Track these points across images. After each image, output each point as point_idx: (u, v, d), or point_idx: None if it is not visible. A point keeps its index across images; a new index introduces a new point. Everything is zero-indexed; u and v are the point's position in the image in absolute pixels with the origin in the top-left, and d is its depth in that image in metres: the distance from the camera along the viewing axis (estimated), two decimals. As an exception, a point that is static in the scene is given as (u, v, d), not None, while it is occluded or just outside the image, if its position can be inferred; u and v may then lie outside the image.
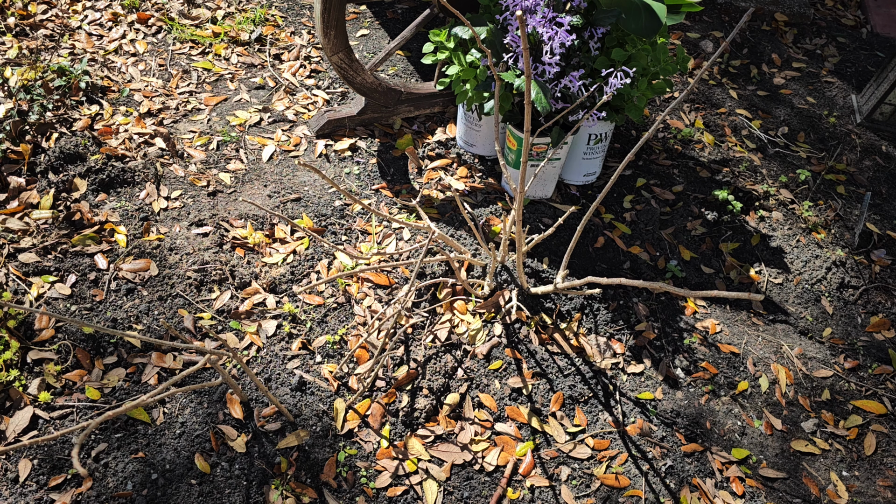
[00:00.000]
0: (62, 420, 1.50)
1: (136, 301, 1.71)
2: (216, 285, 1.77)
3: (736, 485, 1.57)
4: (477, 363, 1.69)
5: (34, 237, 1.79)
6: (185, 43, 2.52)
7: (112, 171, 1.98)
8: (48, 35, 2.44)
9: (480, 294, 1.78)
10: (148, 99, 2.27)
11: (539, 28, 1.67)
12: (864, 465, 1.66)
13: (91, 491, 1.40)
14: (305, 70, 2.48)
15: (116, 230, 1.85)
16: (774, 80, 2.77)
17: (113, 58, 2.41)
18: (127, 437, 1.48)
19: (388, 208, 2.03)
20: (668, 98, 2.61)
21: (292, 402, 1.57)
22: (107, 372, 1.58)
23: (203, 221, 1.91)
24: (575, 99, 1.77)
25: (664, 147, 2.38)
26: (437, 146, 2.24)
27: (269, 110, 2.31)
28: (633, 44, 1.79)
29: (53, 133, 2.04)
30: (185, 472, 1.44)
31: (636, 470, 1.57)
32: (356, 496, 1.46)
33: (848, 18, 3.18)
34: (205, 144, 2.15)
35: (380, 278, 1.82)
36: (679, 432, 1.65)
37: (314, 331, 1.72)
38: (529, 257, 1.92)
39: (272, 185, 2.05)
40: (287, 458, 1.49)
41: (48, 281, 1.70)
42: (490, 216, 2.01)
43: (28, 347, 1.58)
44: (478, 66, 1.87)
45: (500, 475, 1.53)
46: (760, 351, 1.85)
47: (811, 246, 2.14)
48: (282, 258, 1.85)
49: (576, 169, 2.11)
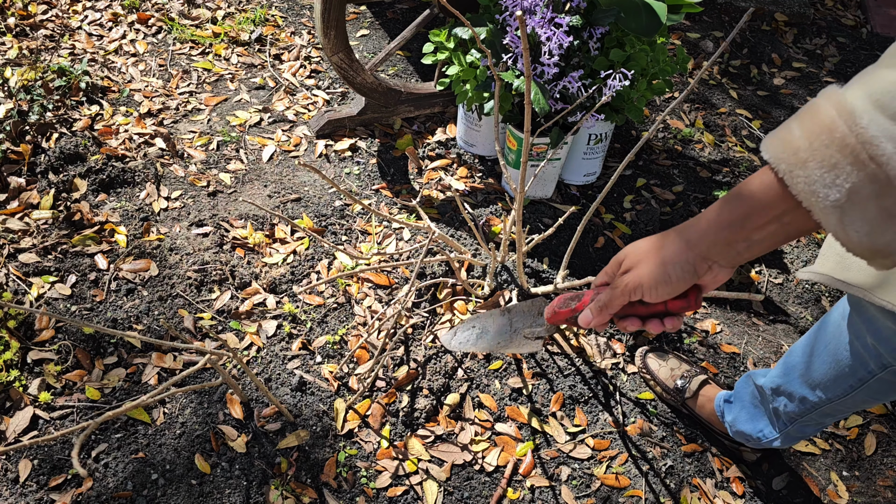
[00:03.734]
0: (62, 420, 1.50)
1: (136, 301, 1.71)
2: (216, 285, 1.77)
3: (736, 485, 1.57)
4: (477, 363, 1.69)
5: (34, 237, 1.79)
6: (185, 43, 2.52)
7: (112, 171, 1.98)
8: (48, 35, 2.44)
9: (480, 294, 1.78)
10: (148, 99, 2.27)
11: (538, 29, 1.67)
12: (864, 465, 1.66)
13: (91, 491, 1.40)
14: (305, 70, 2.48)
15: (116, 230, 1.85)
16: (774, 80, 2.77)
17: (113, 58, 2.41)
18: (127, 438, 1.48)
19: (388, 208, 2.03)
20: (668, 98, 2.61)
21: (292, 403, 1.57)
22: (107, 372, 1.58)
23: (203, 221, 1.91)
24: (574, 99, 1.77)
25: (664, 147, 2.38)
26: (437, 146, 2.24)
27: (270, 110, 2.31)
28: (633, 44, 1.79)
29: (53, 133, 2.04)
30: (186, 473, 1.44)
31: (636, 470, 1.57)
32: (356, 496, 1.46)
33: (848, 18, 3.18)
34: (205, 144, 2.15)
35: (380, 278, 1.82)
36: (679, 433, 1.65)
37: (314, 331, 1.72)
38: (529, 257, 1.92)
39: (272, 185, 2.05)
40: (287, 458, 1.49)
41: (48, 281, 1.70)
42: (490, 216, 2.01)
43: (28, 347, 1.58)
44: (478, 67, 1.87)
45: (500, 475, 1.53)
46: (760, 351, 1.85)
47: (811, 246, 2.14)
48: (282, 258, 1.85)
49: (576, 169, 2.11)
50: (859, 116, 0.54)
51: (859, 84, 0.56)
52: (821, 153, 0.55)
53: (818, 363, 1.23)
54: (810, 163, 0.56)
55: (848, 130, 0.54)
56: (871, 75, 0.56)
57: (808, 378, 1.26)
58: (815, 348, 1.24)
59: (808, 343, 1.27)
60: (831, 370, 1.20)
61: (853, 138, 0.53)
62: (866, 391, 1.18)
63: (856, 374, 1.17)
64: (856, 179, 0.54)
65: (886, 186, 0.53)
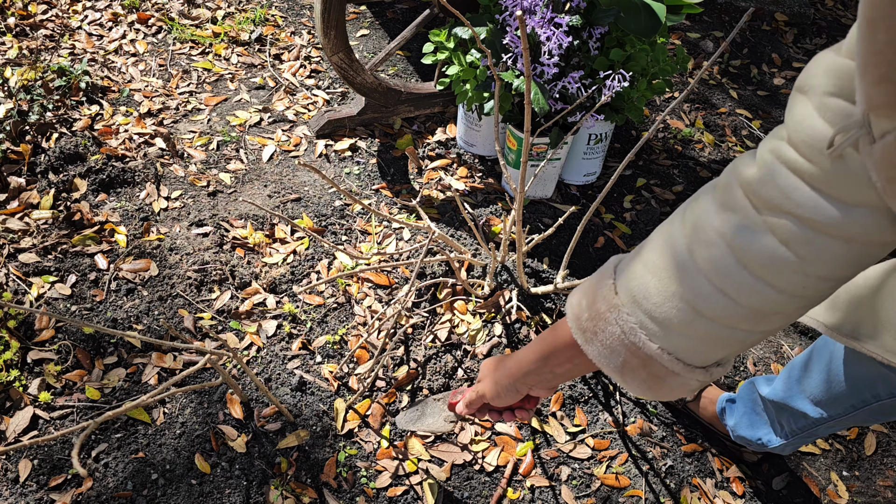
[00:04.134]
0: (62, 420, 1.50)
1: (136, 301, 1.71)
2: (216, 285, 1.77)
3: (736, 485, 1.57)
4: (477, 363, 1.69)
5: (34, 237, 1.80)
6: (185, 43, 2.52)
7: (112, 171, 1.98)
8: (48, 35, 2.44)
9: (480, 294, 1.78)
10: (148, 99, 2.27)
11: (538, 29, 1.67)
12: (864, 465, 1.66)
13: (91, 491, 1.40)
14: (305, 70, 2.48)
15: (116, 230, 1.85)
16: (774, 80, 2.77)
17: (113, 58, 2.41)
18: (127, 437, 1.48)
19: (388, 208, 2.03)
20: (668, 98, 2.61)
21: (292, 402, 1.57)
22: (107, 372, 1.58)
23: (203, 221, 1.91)
24: (574, 99, 1.77)
25: (664, 147, 2.38)
26: (437, 146, 2.24)
27: (269, 110, 2.31)
28: (633, 44, 1.79)
29: (53, 133, 2.04)
30: (186, 472, 1.44)
31: (636, 470, 1.57)
32: (356, 496, 1.46)
33: (848, 18, 3.18)
34: (205, 144, 2.15)
35: (380, 278, 1.82)
36: (679, 433, 1.65)
37: (314, 331, 1.72)
38: (529, 257, 1.92)
39: (272, 185, 2.05)
40: (287, 458, 1.49)
41: (48, 281, 1.70)
42: (490, 216, 2.01)
43: (28, 347, 1.58)
44: (478, 67, 1.87)
45: (500, 475, 1.53)
46: (760, 351, 1.85)
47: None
48: (282, 258, 1.85)
49: (576, 169, 2.11)
50: (622, 309, 0.69)
51: (622, 277, 0.71)
52: (601, 337, 0.72)
53: (816, 381, 1.21)
54: (594, 343, 0.72)
55: (615, 322, 0.70)
56: (630, 268, 0.70)
57: (809, 395, 1.24)
58: (813, 366, 1.22)
59: (806, 359, 1.25)
60: (830, 390, 1.18)
61: (618, 328, 0.69)
62: (868, 412, 1.15)
63: (859, 395, 1.14)
64: (626, 356, 0.70)
65: (647, 361, 0.69)
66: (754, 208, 0.61)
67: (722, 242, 0.62)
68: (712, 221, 0.63)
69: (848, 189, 0.56)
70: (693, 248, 0.64)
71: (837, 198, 0.57)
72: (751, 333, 0.65)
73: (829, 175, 0.57)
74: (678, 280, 0.65)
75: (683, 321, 0.65)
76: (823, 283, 0.61)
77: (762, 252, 0.60)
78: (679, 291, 0.65)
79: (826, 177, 0.57)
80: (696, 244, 0.64)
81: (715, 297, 0.63)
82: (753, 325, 0.64)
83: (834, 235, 0.58)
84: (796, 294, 0.62)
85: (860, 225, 0.57)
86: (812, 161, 0.57)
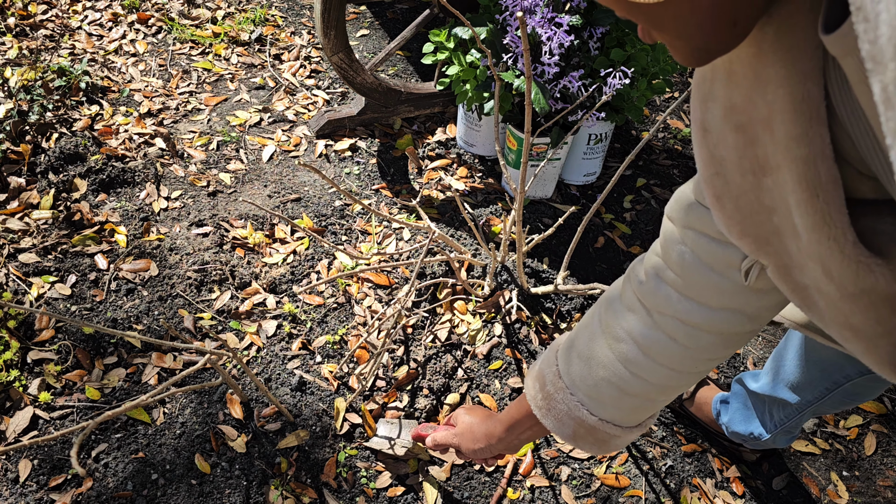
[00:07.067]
0: (62, 420, 1.50)
1: (136, 301, 1.71)
2: (216, 285, 1.77)
3: (736, 485, 1.57)
4: (477, 363, 1.69)
5: (34, 237, 1.80)
6: (185, 43, 2.52)
7: (112, 171, 1.98)
8: (48, 35, 2.44)
9: (480, 294, 1.78)
10: (148, 99, 2.27)
11: (538, 28, 1.67)
12: (864, 465, 1.66)
13: (91, 491, 1.40)
14: (305, 70, 2.48)
15: (116, 230, 1.85)
16: (774, 80, 2.77)
17: (113, 58, 2.41)
18: (127, 437, 1.48)
19: (388, 208, 2.03)
20: (669, 98, 2.61)
21: (292, 402, 1.57)
22: (107, 372, 1.58)
23: (203, 221, 1.91)
24: (574, 99, 1.77)
25: (664, 147, 2.38)
26: (437, 146, 2.24)
27: (269, 110, 2.31)
28: (633, 44, 1.79)
29: (53, 133, 2.04)
30: (186, 473, 1.44)
31: (636, 470, 1.57)
32: (356, 496, 1.46)
33: (848, 18, 3.18)
34: (205, 144, 2.15)
35: (380, 278, 1.82)
36: (679, 433, 1.65)
37: (314, 331, 1.72)
38: (529, 257, 1.92)
39: (272, 185, 2.05)
40: (287, 458, 1.49)
41: (48, 281, 1.70)
42: (490, 216, 2.01)
43: (28, 347, 1.58)
44: (478, 67, 1.87)
45: (500, 475, 1.53)
46: (760, 351, 1.85)
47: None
48: (282, 258, 1.85)
49: (576, 169, 2.11)
50: (566, 391, 0.89)
51: (563, 365, 0.90)
52: (553, 412, 0.91)
53: (791, 367, 1.25)
54: (549, 417, 0.92)
55: (563, 401, 0.89)
56: (569, 357, 0.90)
57: (786, 382, 1.28)
58: (787, 353, 1.26)
59: (782, 348, 1.29)
60: (805, 374, 1.22)
61: (565, 406, 0.89)
62: (843, 394, 1.19)
63: (830, 377, 1.18)
64: (574, 427, 0.90)
65: (591, 429, 0.89)
66: (646, 311, 0.81)
67: (629, 339, 0.82)
68: (620, 321, 0.83)
69: (711, 297, 0.75)
70: (610, 344, 0.84)
71: (704, 304, 0.76)
72: (667, 398, 0.87)
73: (695, 288, 0.75)
74: (603, 368, 0.85)
75: (613, 398, 0.85)
76: (710, 362, 0.82)
77: (659, 344, 0.80)
78: (606, 377, 0.85)
79: (693, 289, 0.76)
80: (612, 340, 0.84)
81: (632, 380, 0.83)
82: (666, 395, 0.86)
83: (707, 331, 0.77)
84: (692, 371, 0.82)
85: (726, 322, 0.76)
86: (681, 276, 0.76)
